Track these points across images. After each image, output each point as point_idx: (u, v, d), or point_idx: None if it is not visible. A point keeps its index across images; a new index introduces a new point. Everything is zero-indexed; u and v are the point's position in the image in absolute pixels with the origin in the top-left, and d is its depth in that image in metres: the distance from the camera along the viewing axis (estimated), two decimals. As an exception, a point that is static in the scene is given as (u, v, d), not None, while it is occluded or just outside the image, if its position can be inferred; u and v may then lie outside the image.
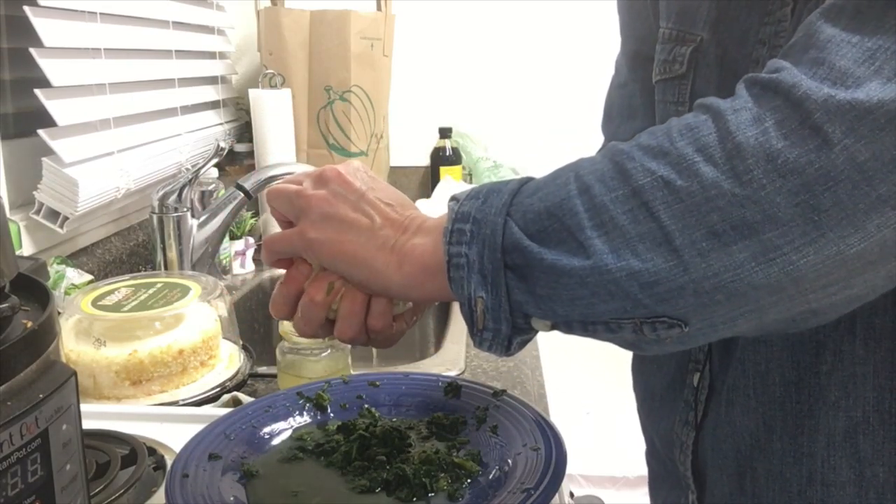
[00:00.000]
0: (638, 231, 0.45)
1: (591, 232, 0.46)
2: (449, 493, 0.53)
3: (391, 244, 0.53)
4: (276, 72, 1.68)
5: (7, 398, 0.33)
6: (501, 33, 2.05)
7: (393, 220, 0.54)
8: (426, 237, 0.53)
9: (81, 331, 0.85)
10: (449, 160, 1.94)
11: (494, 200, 0.50)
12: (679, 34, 0.66)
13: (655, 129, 0.48)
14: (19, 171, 1.08)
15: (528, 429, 0.57)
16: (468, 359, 0.96)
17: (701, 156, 0.44)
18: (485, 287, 0.49)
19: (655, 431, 0.74)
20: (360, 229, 0.54)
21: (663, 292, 0.45)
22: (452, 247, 0.50)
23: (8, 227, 0.39)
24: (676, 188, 0.44)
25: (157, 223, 1.17)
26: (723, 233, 0.43)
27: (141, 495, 0.58)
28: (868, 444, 0.56)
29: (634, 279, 0.45)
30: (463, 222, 0.50)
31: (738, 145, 0.43)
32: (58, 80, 1.03)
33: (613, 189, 0.46)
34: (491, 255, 0.48)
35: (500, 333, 0.50)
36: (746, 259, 0.43)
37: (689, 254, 0.44)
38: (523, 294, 0.48)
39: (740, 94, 0.46)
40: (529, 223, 0.48)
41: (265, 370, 0.95)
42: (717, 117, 0.45)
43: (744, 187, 0.42)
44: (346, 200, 0.55)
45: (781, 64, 0.45)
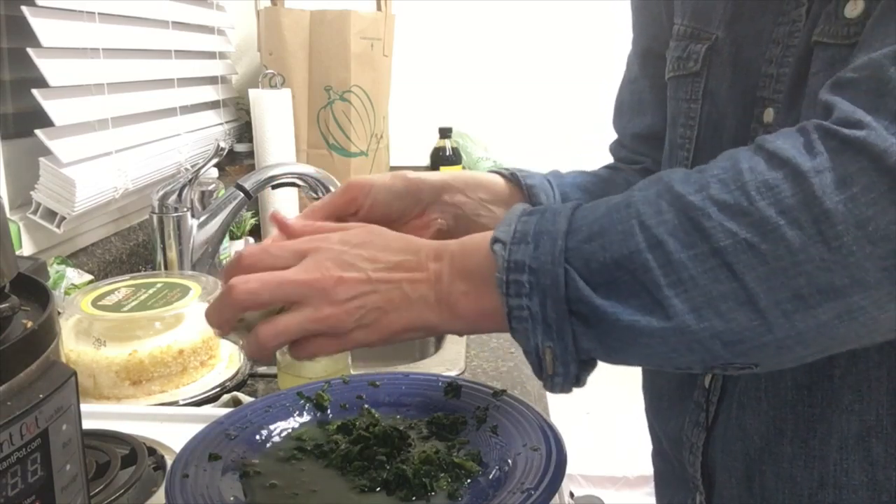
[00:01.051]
0: (720, 291, 0.44)
1: (669, 290, 0.45)
2: (449, 493, 0.53)
3: (433, 299, 0.51)
4: (276, 72, 1.68)
5: (7, 398, 0.33)
6: (502, 33, 2.05)
7: (418, 279, 0.52)
8: (469, 282, 0.51)
9: (81, 331, 0.85)
10: (449, 160, 1.94)
11: (547, 245, 0.48)
12: (694, 31, 0.66)
13: (725, 178, 0.45)
14: (19, 171, 1.08)
15: (528, 429, 0.57)
16: (468, 359, 0.96)
17: (785, 219, 0.43)
18: (551, 337, 0.48)
19: (664, 431, 0.74)
20: (398, 306, 0.51)
21: (746, 349, 0.45)
22: (512, 299, 0.48)
23: (8, 227, 0.39)
24: (761, 251, 0.43)
25: (157, 223, 1.17)
26: (809, 296, 0.43)
27: (141, 495, 0.58)
28: (881, 448, 0.56)
29: (717, 339, 0.44)
30: (518, 273, 0.48)
31: (826, 211, 0.42)
32: (55, 81, 1.03)
33: (691, 246, 0.44)
34: (555, 306, 0.47)
35: (569, 375, 0.49)
36: (831, 319, 0.43)
37: (773, 315, 0.43)
38: (591, 342, 0.47)
39: (817, 148, 0.44)
40: (594, 273, 0.46)
41: (265, 370, 0.95)
42: (797, 177, 0.43)
43: (833, 253, 0.42)
44: (367, 295, 0.51)
45: (862, 117, 0.44)
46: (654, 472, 0.81)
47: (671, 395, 0.72)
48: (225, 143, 1.22)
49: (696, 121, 0.66)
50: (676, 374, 0.70)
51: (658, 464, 0.79)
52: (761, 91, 0.60)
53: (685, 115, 0.67)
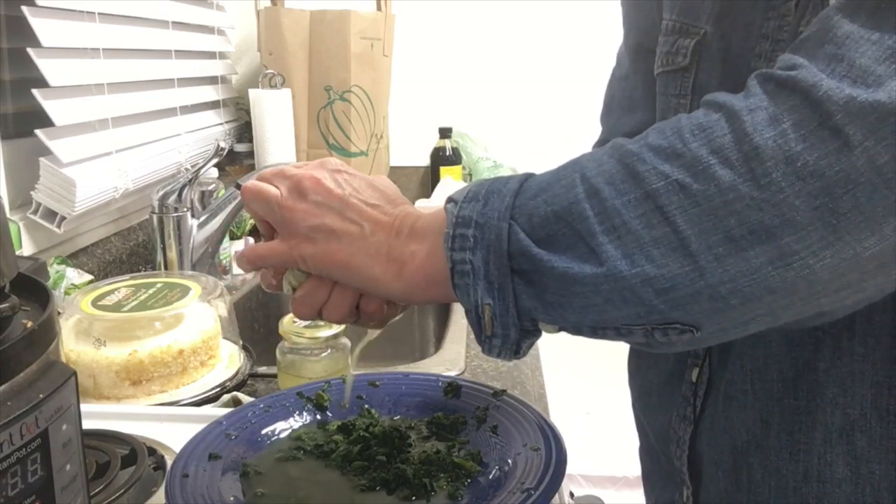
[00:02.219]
0: (652, 236, 0.44)
1: (603, 237, 0.45)
2: (449, 493, 0.53)
3: (385, 250, 0.52)
4: (276, 72, 1.68)
5: (7, 398, 0.33)
6: (501, 33, 2.05)
7: (383, 223, 0.53)
8: (422, 242, 0.52)
9: (81, 331, 0.85)
10: (449, 160, 1.94)
11: (496, 203, 0.48)
12: (683, 26, 0.66)
13: (664, 128, 0.46)
14: (19, 171, 1.08)
15: (528, 429, 0.57)
16: (468, 359, 0.96)
17: (717, 158, 0.43)
18: (491, 294, 0.48)
19: (651, 426, 0.74)
20: (350, 238, 0.53)
21: (679, 297, 0.44)
22: (455, 253, 0.48)
23: (8, 227, 0.39)
24: (692, 192, 0.43)
25: (157, 223, 1.17)
26: (740, 237, 0.42)
27: (141, 495, 0.58)
28: (865, 441, 0.56)
29: (649, 285, 0.44)
30: (465, 227, 0.48)
31: (756, 147, 0.42)
32: (56, 81, 1.03)
33: (625, 192, 0.45)
34: (497, 262, 0.47)
35: (508, 339, 0.49)
36: (763, 264, 0.43)
37: (705, 259, 0.43)
38: (532, 300, 0.48)
39: (754, 91, 0.44)
40: (536, 227, 0.47)
41: (265, 370, 0.94)
42: (731, 117, 0.44)
43: (762, 190, 0.42)
44: (331, 210, 0.53)
45: (797, 60, 0.44)
46: (642, 470, 0.81)
47: (659, 390, 0.72)
48: (225, 143, 1.22)
49: None
50: (665, 369, 0.70)
51: (645, 461, 0.79)
52: None
53: (674, 111, 0.67)
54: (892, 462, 0.56)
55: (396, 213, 0.54)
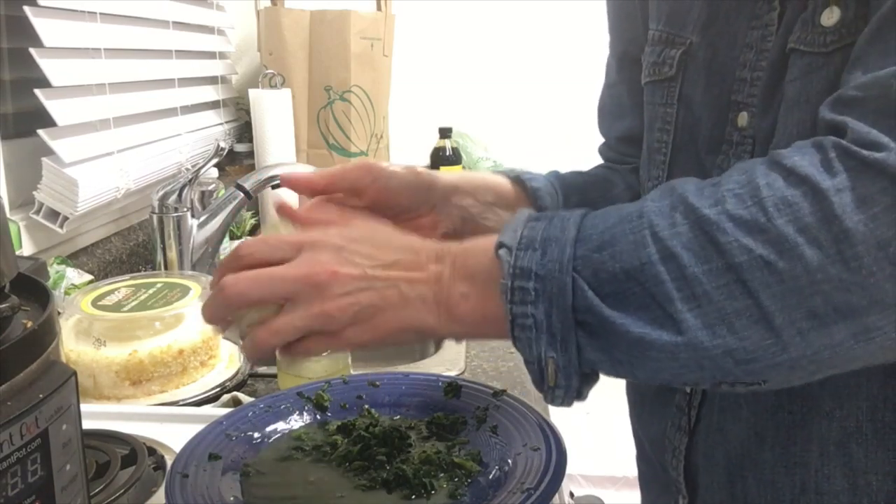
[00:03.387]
0: (734, 308, 0.43)
1: (682, 304, 0.44)
2: (449, 493, 0.53)
3: (431, 299, 0.50)
4: (276, 72, 1.68)
5: (7, 398, 0.33)
6: (501, 33, 2.05)
7: (418, 278, 0.50)
8: (471, 285, 0.49)
9: (81, 331, 0.85)
10: (449, 160, 1.94)
11: (555, 253, 0.46)
12: (669, 36, 0.66)
13: (742, 193, 0.44)
14: (19, 171, 1.08)
15: (528, 429, 0.57)
16: (468, 359, 0.96)
17: (804, 237, 0.42)
18: (555, 347, 0.46)
19: (646, 435, 0.74)
20: (395, 304, 0.50)
21: (759, 368, 0.44)
22: (516, 307, 0.47)
23: (8, 227, 0.39)
24: (778, 269, 0.42)
25: (157, 223, 1.17)
26: (824, 315, 0.42)
27: (141, 495, 0.58)
28: (861, 453, 0.56)
29: (730, 356, 0.44)
30: (524, 279, 0.46)
31: (846, 230, 0.42)
32: (57, 80, 1.03)
33: (705, 261, 0.43)
34: (560, 316, 0.46)
35: (571, 388, 0.48)
36: (846, 338, 0.43)
37: (787, 333, 0.43)
38: (596, 353, 0.46)
39: (836, 167, 0.43)
40: (603, 283, 0.45)
41: (265, 370, 0.95)
42: (816, 195, 0.43)
43: (852, 273, 0.42)
44: (362, 291, 0.50)
45: (881, 139, 0.43)
46: (639, 475, 0.81)
47: (653, 399, 0.72)
48: (225, 143, 1.22)
49: (672, 125, 0.66)
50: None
51: (641, 466, 0.79)
52: (735, 95, 0.60)
53: (661, 120, 0.67)
54: (888, 473, 0.56)
55: (424, 262, 0.51)
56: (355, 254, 0.51)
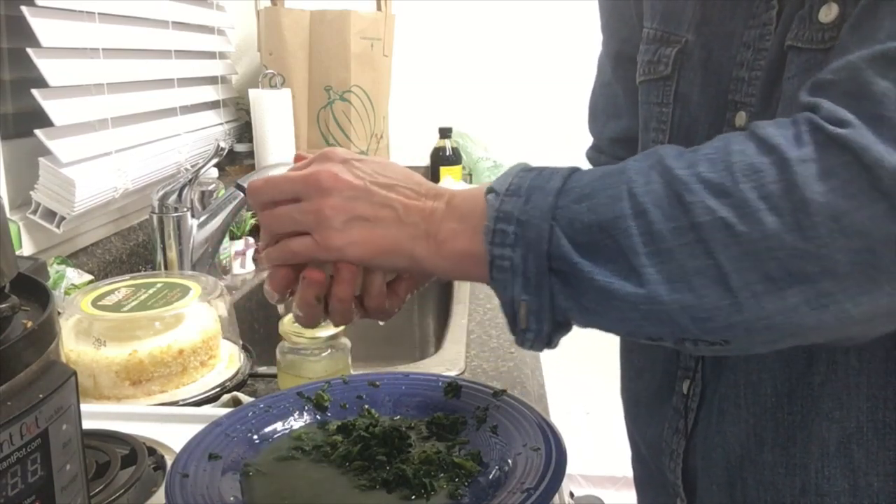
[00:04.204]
0: (695, 266, 0.44)
1: (647, 259, 0.45)
2: (449, 493, 0.53)
3: (423, 229, 0.52)
4: (276, 72, 1.68)
5: (7, 398, 0.33)
6: (502, 33, 2.05)
7: (414, 205, 0.53)
8: (461, 223, 0.52)
9: (81, 331, 0.85)
10: (449, 160, 1.94)
11: (538, 200, 0.49)
12: (664, 35, 0.66)
13: (715, 158, 0.46)
14: (19, 171, 1.08)
15: (528, 429, 0.57)
16: (468, 359, 0.96)
17: (765, 203, 0.43)
18: (528, 291, 0.48)
19: (642, 438, 0.74)
20: (386, 222, 0.53)
21: (715, 327, 0.45)
22: (495, 248, 0.49)
23: (8, 227, 0.39)
24: (737, 232, 0.44)
25: (157, 223, 1.17)
26: (779, 279, 0.43)
27: (141, 495, 0.58)
28: (862, 454, 0.56)
29: (687, 312, 0.45)
30: (506, 223, 0.49)
31: (805, 200, 0.43)
32: (55, 81, 1.03)
33: (672, 219, 0.45)
34: (536, 261, 0.48)
35: (541, 333, 0.50)
36: (800, 303, 0.44)
37: (743, 295, 0.44)
38: (568, 301, 0.48)
39: (804, 139, 0.45)
40: (578, 233, 0.47)
41: (265, 370, 0.94)
42: (782, 164, 0.44)
43: (807, 242, 0.43)
44: (359, 199, 0.53)
45: (846, 116, 0.44)
46: (634, 477, 0.80)
47: (649, 401, 0.71)
48: (225, 143, 1.22)
49: (668, 125, 0.66)
50: (654, 380, 0.70)
51: (637, 469, 0.79)
52: (733, 94, 0.60)
53: (657, 120, 0.67)
54: (889, 474, 0.56)
55: (423, 193, 0.54)
56: (359, 168, 0.54)
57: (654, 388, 0.70)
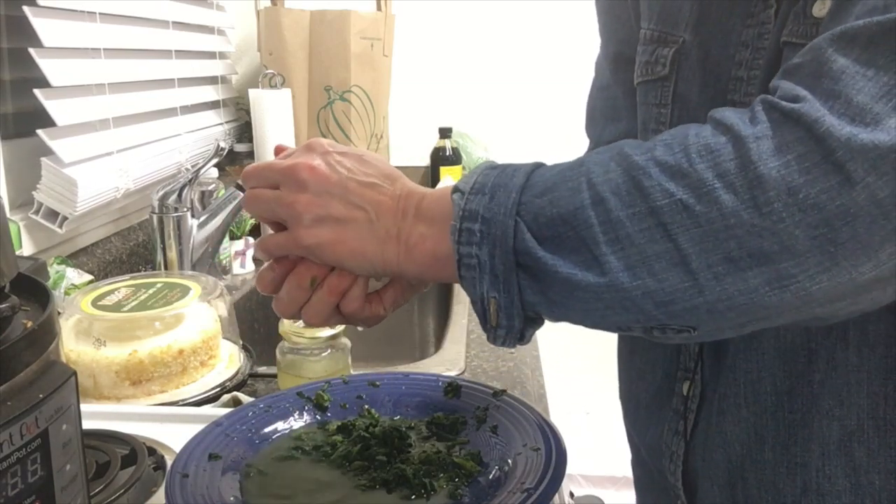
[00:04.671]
0: (654, 250, 0.45)
1: (606, 247, 0.45)
2: (449, 493, 0.53)
3: (394, 233, 0.53)
4: (276, 72, 1.68)
5: (7, 398, 0.33)
6: (502, 33, 2.05)
7: (386, 206, 0.53)
8: (430, 226, 0.52)
9: (81, 331, 0.85)
10: (449, 160, 1.94)
11: (502, 198, 0.49)
12: (661, 35, 0.66)
13: (672, 142, 0.46)
14: (19, 170, 1.08)
15: (528, 429, 0.57)
16: (468, 359, 0.96)
17: (721, 182, 0.44)
18: (497, 287, 0.49)
19: (642, 441, 0.73)
20: (357, 224, 0.53)
21: (678, 310, 0.45)
22: (462, 247, 0.49)
23: (8, 227, 0.39)
24: (695, 213, 0.44)
25: (157, 223, 1.17)
26: (739, 259, 0.43)
27: (141, 495, 0.58)
28: (863, 452, 0.56)
29: (650, 297, 0.45)
30: (471, 221, 0.49)
31: (760, 176, 0.43)
32: (57, 80, 1.03)
33: (630, 205, 0.45)
34: (502, 257, 0.48)
35: (513, 329, 0.50)
36: (760, 284, 0.44)
37: (704, 276, 0.44)
38: (535, 295, 0.49)
39: (759, 118, 0.45)
40: (542, 227, 0.48)
41: (265, 370, 0.95)
42: (737, 142, 0.44)
43: (763, 218, 0.43)
44: (333, 197, 0.53)
45: (800, 91, 0.44)
46: (634, 480, 0.80)
47: (648, 403, 0.71)
48: (225, 143, 1.22)
49: (667, 125, 0.65)
50: (654, 382, 0.70)
51: (637, 472, 0.79)
52: (732, 94, 0.60)
53: (655, 121, 0.67)
54: (891, 472, 0.56)
55: (398, 193, 0.54)
56: (339, 163, 0.54)
57: (653, 391, 0.70)
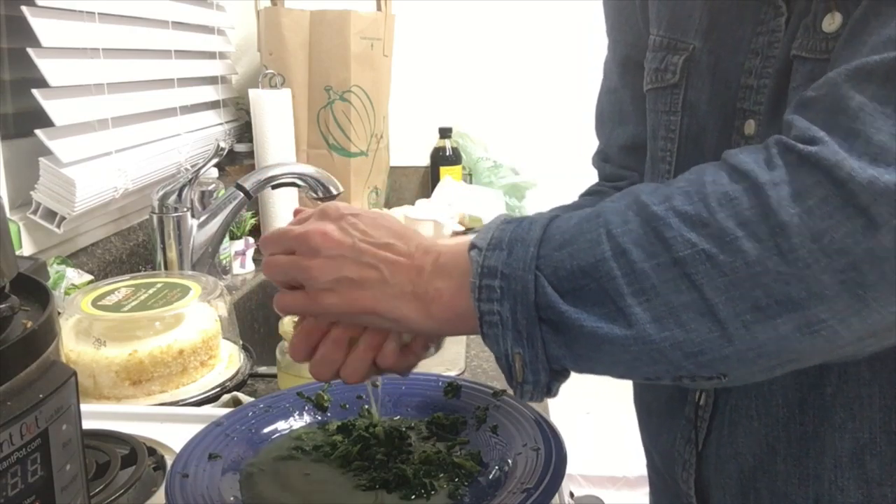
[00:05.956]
0: (681, 301, 0.44)
1: (632, 299, 0.45)
2: (449, 493, 0.53)
3: (410, 290, 0.52)
4: (276, 72, 1.68)
5: (7, 398, 0.33)
6: (502, 33, 2.05)
7: (401, 264, 0.52)
8: (448, 280, 0.51)
9: (81, 331, 0.85)
10: (449, 160, 1.94)
11: (520, 252, 0.48)
12: (671, 42, 0.65)
13: (689, 190, 0.46)
14: (19, 171, 1.08)
15: (528, 429, 0.57)
16: (468, 359, 0.96)
17: (743, 231, 0.43)
18: (520, 343, 0.48)
19: (655, 448, 0.73)
20: (371, 283, 0.52)
21: (707, 360, 0.45)
22: (483, 304, 0.48)
23: (8, 227, 0.39)
24: (719, 262, 0.43)
25: (157, 223, 1.17)
26: (767, 307, 0.43)
27: (141, 495, 0.58)
28: (876, 465, 0.56)
29: (678, 349, 0.45)
30: (490, 278, 0.48)
31: (782, 223, 0.42)
32: (55, 81, 1.03)
33: (653, 256, 0.45)
34: (524, 312, 0.47)
35: (539, 383, 0.49)
36: (790, 330, 0.43)
37: (733, 325, 0.43)
38: (560, 348, 0.48)
39: (775, 161, 0.44)
40: (563, 280, 0.47)
41: (265, 370, 0.95)
42: (755, 189, 0.44)
43: (789, 265, 0.42)
44: (346, 260, 0.53)
45: (817, 133, 0.44)
46: (650, 485, 0.80)
47: (660, 411, 0.71)
48: (225, 143, 1.22)
49: (677, 133, 0.65)
50: (666, 390, 0.70)
51: (652, 476, 0.79)
52: (742, 103, 0.59)
53: (665, 128, 0.66)
54: None
55: (413, 252, 0.53)
56: (352, 226, 0.54)
57: (665, 398, 0.70)
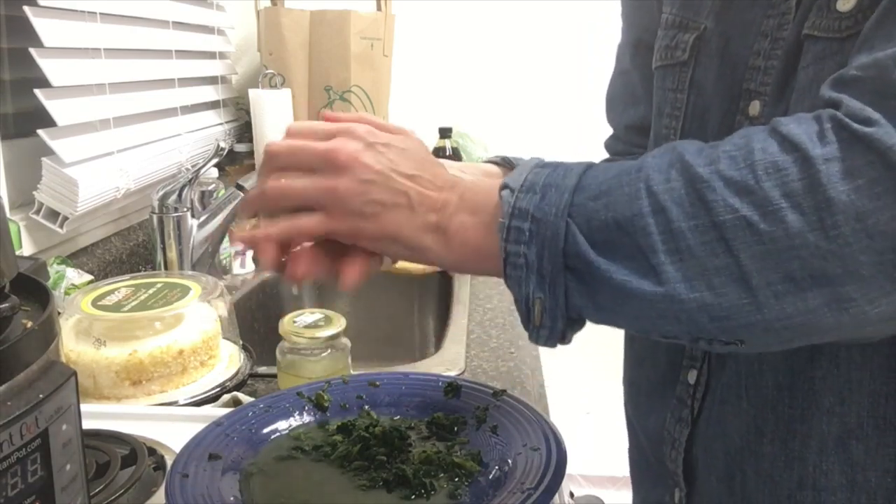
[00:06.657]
0: (715, 264, 0.44)
1: (665, 257, 0.45)
2: (449, 493, 0.53)
3: (434, 221, 0.52)
4: (276, 72, 1.68)
5: (7, 398, 0.33)
6: (501, 33, 2.05)
7: (428, 197, 0.52)
8: (472, 216, 0.51)
9: (81, 331, 0.85)
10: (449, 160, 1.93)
11: (553, 198, 0.48)
12: (683, 21, 0.66)
13: (737, 155, 0.46)
14: (19, 170, 1.08)
15: (528, 429, 0.57)
16: (468, 359, 0.96)
17: (788, 202, 0.43)
18: (543, 288, 0.48)
19: (642, 427, 0.74)
20: (399, 209, 0.52)
21: (732, 326, 0.45)
22: (510, 245, 0.49)
23: (8, 227, 0.39)
24: (759, 231, 0.43)
25: (157, 223, 1.17)
26: (801, 280, 0.43)
27: (141, 495, 0.58)
28: (861, 450, 0.56)
29: (705, 311, 0.45)
30: (521, 220, 0.48)
31: (829, 199, 0.42)
32: (57, 80, 1.03)
33: (692, 217, 0.45)
34: (551, 258, 0.47)
35: (555, 330, 0.50)
36: (820, 305, 0.43)
37: (763, 294, 0.44)
38: (582, 298, 0.48)
39: (828, 137, 0.44)
40: (594, 231, 0.47)
41: (265, 370, 0.94)
42: (805, 162, 0.43)
43: (829, 242, 0.42)
44: (375, 184, 0.51)
45: (872, 115, 0.43)
46: (630, 467, 0.80)
47: (651, 390, 0.71)
48: (225, 143, 1.22)
49: (682, 111, 0.65)
50: (658, 369, 0.70)
51: (634, 456, 0.79)
52: (748, 83, 0.60)
53: (671, 105, 0.67)
54: (888, 469, 0.56)
55: (441, 185, 0.53)
56: (381, 153, 0.53)
57: (656, 378, 0.70)
